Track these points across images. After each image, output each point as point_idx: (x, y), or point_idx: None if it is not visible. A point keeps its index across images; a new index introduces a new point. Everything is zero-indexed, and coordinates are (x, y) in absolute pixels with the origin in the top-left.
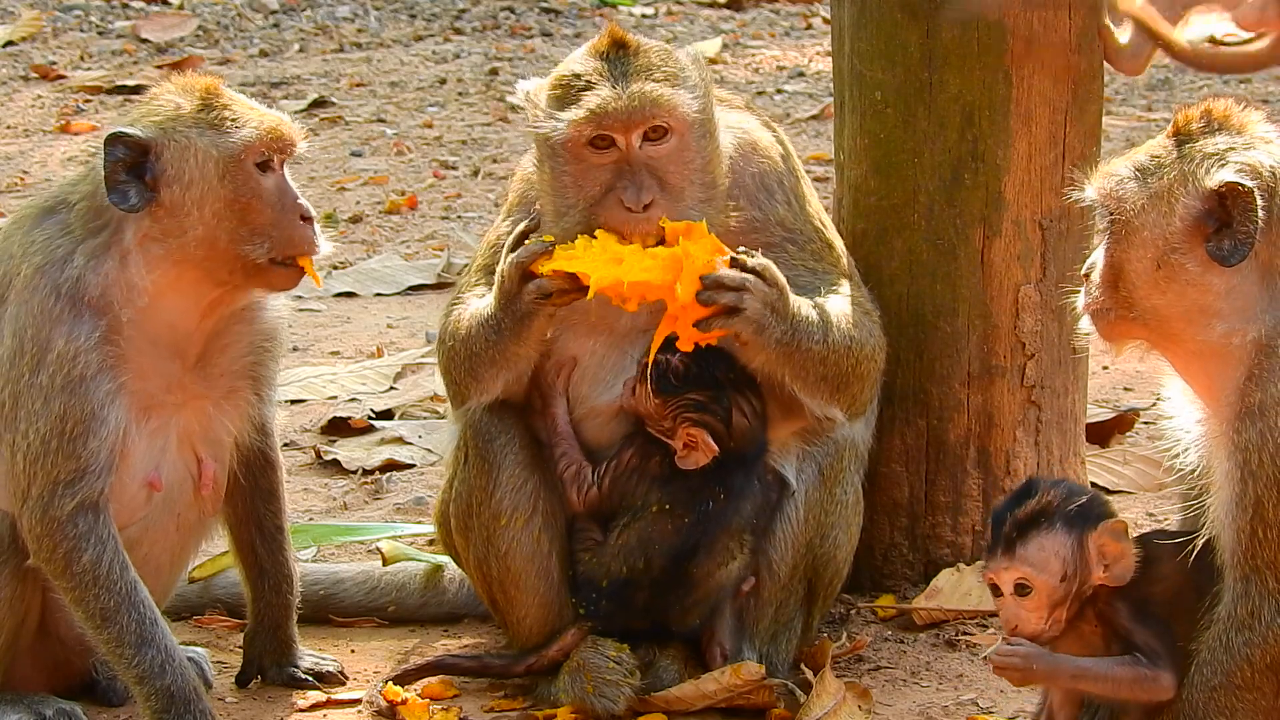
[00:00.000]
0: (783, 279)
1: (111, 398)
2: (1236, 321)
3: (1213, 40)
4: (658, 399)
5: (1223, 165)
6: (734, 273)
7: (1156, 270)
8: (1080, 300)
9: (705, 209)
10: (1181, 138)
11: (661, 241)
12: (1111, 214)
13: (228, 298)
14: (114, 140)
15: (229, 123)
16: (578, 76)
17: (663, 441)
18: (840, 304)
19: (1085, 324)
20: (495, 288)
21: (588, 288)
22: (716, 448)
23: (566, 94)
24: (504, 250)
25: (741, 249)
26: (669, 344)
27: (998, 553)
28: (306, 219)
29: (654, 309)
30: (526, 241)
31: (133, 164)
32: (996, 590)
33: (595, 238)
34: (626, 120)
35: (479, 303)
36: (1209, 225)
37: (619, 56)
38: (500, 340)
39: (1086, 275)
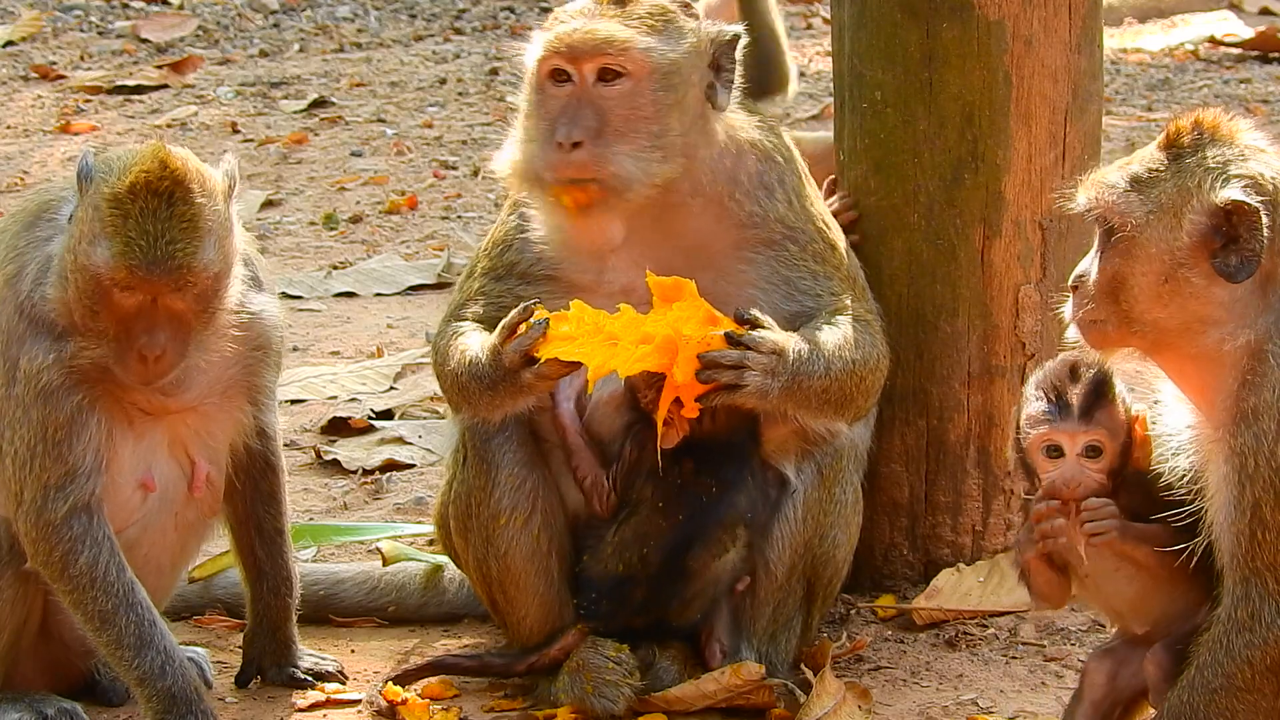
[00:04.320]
0: (779, 339)
1: (89, 406)
2: (1231, 328)
3: (1212, 40)
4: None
5: (1226, 181)
6: (731, 352)
7: (1162, 285)
8: (1069, 310)
9: (638, 161)
10: (1176, 150)
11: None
12: (1112, 227)
13: None
14: (82, 157)
15: (110, 232)
16: (566, 10)
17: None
18: (840, 324)
19: (1074, 333)
20: (491, 356)
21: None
22: (687, 428)
23: (552, 24)
24: (500, 330)
25: (738, 311)
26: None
27: (1071, 416)
28: (144, 358)
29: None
30: (520, 328)
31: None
32: (1054, 452)
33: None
34: (579, 55)
35: (474, 342)
36: (1215, 241)
37: None
38: (497, 396)
39: (1075, 286)
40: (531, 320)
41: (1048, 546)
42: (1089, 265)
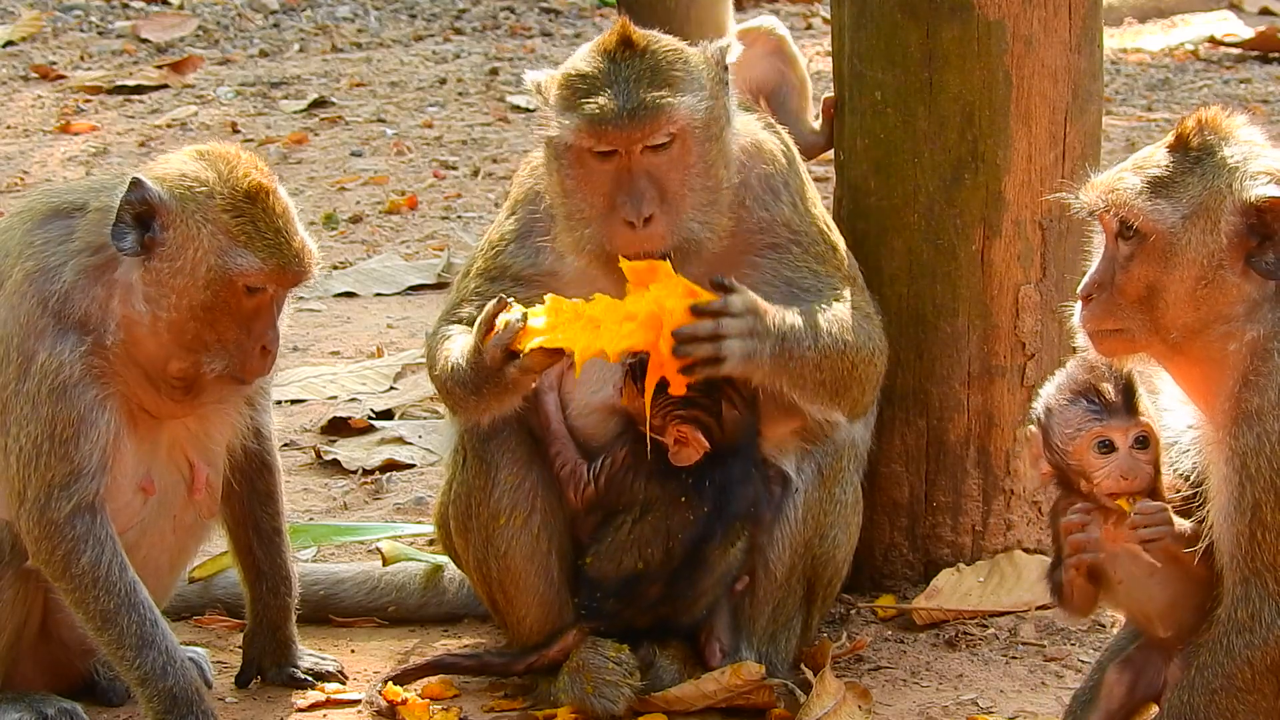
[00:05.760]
0: (754, 299)
1: (101, 403)
2: (1240, 324)
3: (1212, 40)
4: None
5: (1254, 179)
6: (705, 323)
7: (1200, 288)
8: (1080, 320)
9: (707, 214)
10: (1190, 151)
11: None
12: (1138, 234)
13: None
14: (134, 185)
15: (245, 239)
16: (584, 78)
17: (655, 437)
18: (834, 308)
19: (1084, 342)
20: (472, 356)
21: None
22: (707, 444)
23: (573, 96)
24: (477, 328)
25: (713, 278)
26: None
27: (1118, 410)
28: (267, 351)
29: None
30: (498, 322)
31: (140, 215)
32: (1105, 448)
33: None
34: (628, 134)
35: (457, 346)
36: (1251, 240)
37: (625, 58)
38: (482, 399)
39: (1089, 296)
40: (508, 314)
41: (1083, 560)
42: (1103, 274)
